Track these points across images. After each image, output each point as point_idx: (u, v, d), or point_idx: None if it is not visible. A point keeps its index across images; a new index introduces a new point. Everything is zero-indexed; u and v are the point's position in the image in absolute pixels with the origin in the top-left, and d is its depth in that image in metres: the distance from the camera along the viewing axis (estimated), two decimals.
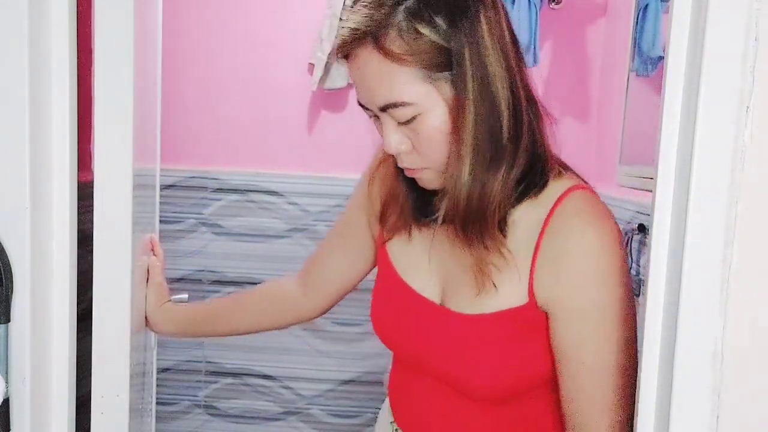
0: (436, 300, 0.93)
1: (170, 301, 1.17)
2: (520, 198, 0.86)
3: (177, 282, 2.27)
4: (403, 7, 0.80)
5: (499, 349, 0.87)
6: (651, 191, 0.79)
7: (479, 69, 0.80)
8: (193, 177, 2.26)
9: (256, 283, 2.26)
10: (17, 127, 0.80)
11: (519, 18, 1.92)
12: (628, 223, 1.72)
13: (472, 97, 0.80)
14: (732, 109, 0.71)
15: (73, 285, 0.88)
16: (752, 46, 0.71)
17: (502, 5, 0.86)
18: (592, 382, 0.84)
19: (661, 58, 1.62)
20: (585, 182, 0.91)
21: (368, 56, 0.81)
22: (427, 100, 0.81)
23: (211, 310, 1.24)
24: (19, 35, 0.79)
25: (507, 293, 0.86)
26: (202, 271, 2.30)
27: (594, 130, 2.20)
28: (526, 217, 0.87)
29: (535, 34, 1.94)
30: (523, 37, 1.92)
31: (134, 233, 0.92)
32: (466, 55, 0.80)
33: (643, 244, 1.61)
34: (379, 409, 1.16)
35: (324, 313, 1.19)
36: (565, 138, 2.40)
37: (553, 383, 0.89)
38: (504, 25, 0.84)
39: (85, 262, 0.90)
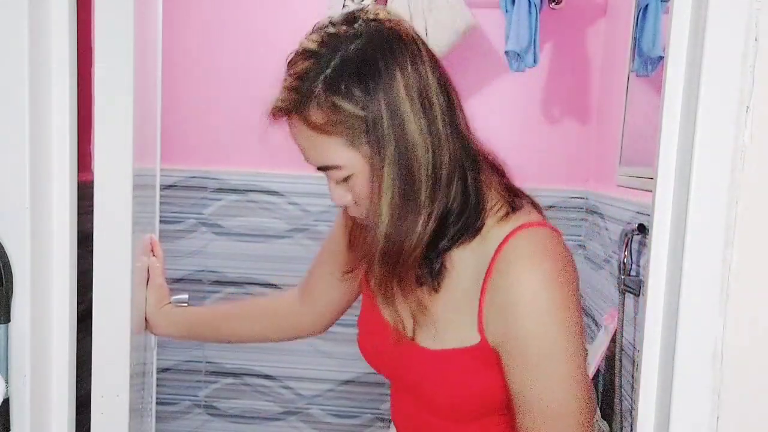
0: (408, 332, 0.95)
1: (170, 302, 1.17)
2: (451, 242, 0.88)
3: (177, 282, 2.27)
4: (323, 77, 0.82)
5: (459, 381, 0.89)
6: (651, 191, 0.79)
7: (395, 134, 0.82)
8: (193, 177, 2.26)
9: (256, 284, 2.29)
10: (17, 127, 0.80)
11: (519, 18, 1.92)
12: (628, 223, 1.72)
13: (387, 162, 0.82)
14: (732, 109, 0.71)
15: (73, 285, 0.88)
16: (752, 46, 0.71)
17: (429, 54, 0.86)
18: (545, 417, 0.83)
19: (661, 58, 1.62)
20: (541, 218, 0.90)
21: (296, 125, 0.86)
22: (354, 163, 0.84)
23: (213, 315, 1.24)
24: (19, 35, 0.79)
25: (463, 332, 0.88)
26: (202, 271, 2.30)
27: (594, 130, 2.20)
28: (466, 260, 0.88)
29: (535, 34, 1.94)
30: (523, 38, 1.92)
31: (134, 233, 0.92)
32: (381, 123, 0.82)
33: (643, 244, 1.61)
34: (379, 409, 1.16)
35: (327, 328, 1.20)
36: (565, 139, 2.40)
37: None
38: (429, 77, 0.84)
39: (85, 262, 0.90)
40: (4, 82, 0.80)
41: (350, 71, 0.82)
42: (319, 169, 0.88)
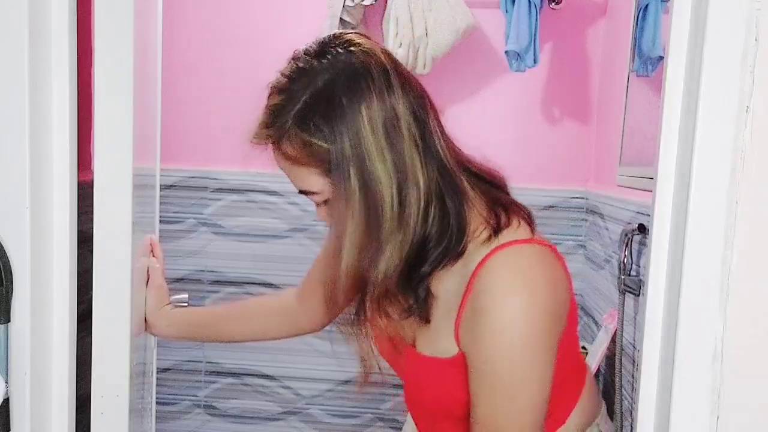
0: (409, 336, 0.96)
1: (170, 303, 1.17)
2: (432, 267, 0.88)
3: (177, 282, 2.26)
4: (293, 114, 0.85)
5: (447, 388, 0.91)
6: (651, 191, 0.79)
7: (357, 170, 0.83)
8: (193, 177, 2.26)
9: (256, 284, 2.29)
10: (17, 127, 0.80)
11: (519, 18, 1.92)
12: (628, 223, 1.72)
13: (351, 196, 0.84)
14: (732, 109, 0.71)
15: (73, 285, 0.88)
16: (752, 46, 0.71)
17: (402, 81, 0.86)
18: None
19: (661, 58, 1.61)
20: (530, 234, 0.89)
21: (275, 153, 0.90)
22: (329, 190, 0.87)
23: (212, 315, 1.25)
24: (19, 35, 0.79)
25: (445, 344, 0.90)
26: (202, 271, 2.30)
27: (594, 130, 2.20)
28: (446, 284, 0.89)
29: (535, 34, 1.94)
30: (522, 38, 1.92)
31: (134, 233, 0.92)
32: (344, 159, 0.83)
33: (643, 244, 1.61)
34: (379, 409, 1.17)
35: (324, 326, 1.21)
36: (565, 139, 2.40)
37: None
38: (399, 107, 0.84)
39: (85, 262, 0.90)
40: (4, 82, 0.80)
41: (317, 108, 0.84)
42: (300, 192, 0.91)
